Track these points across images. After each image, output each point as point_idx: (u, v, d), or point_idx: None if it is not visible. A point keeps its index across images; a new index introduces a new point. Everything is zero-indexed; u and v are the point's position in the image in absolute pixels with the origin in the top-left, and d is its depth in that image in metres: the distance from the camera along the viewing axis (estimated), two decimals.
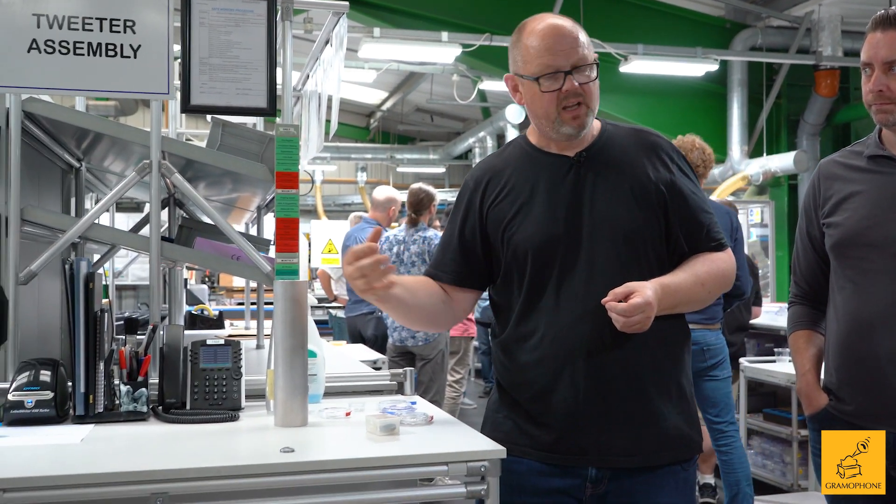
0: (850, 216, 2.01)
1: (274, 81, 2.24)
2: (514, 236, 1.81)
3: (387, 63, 9.48)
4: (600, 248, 1.76)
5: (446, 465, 1.57)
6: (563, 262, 1.77)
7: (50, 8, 2.08)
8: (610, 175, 1.81)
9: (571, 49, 1.75)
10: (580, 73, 1.75)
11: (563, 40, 1.75)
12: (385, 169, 15.83)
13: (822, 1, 8.31)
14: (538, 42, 1.76)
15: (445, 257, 1.91)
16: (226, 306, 7.90)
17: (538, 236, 1.78)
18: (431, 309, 1.88)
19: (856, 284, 1.99)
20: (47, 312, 2.56)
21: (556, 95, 1.75)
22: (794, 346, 2.19)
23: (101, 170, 3.26)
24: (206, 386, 2.00)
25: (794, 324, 2.21)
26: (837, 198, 2.05)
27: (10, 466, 1.51)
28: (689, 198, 1.84)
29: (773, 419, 4.92)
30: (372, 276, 1.70)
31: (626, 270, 1.74)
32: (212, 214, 2.31)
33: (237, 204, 3.82)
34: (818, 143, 9.23)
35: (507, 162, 1.89)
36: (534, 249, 1.78)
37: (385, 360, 3.46)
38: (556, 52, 1.74)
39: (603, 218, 1.77)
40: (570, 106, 1.76)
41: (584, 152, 1.83)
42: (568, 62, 1.74)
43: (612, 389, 1.74)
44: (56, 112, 2.22)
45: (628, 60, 7.95)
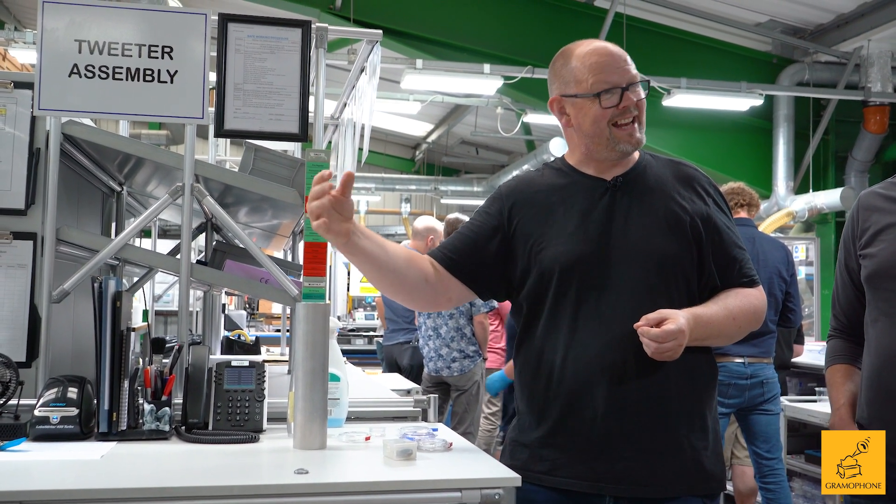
0: (885, 248, 1.97)
1: (306, 107, 2.28)
2: (542, 254, 1.79)
3: (430, 95, 9.58)
4: (630, 274, 1.74)
5: (460, 491, 1.54)
6: (589, 283, 1.75)
7: (92, 34, 2.15)
8: (644, 202, 1.80)
9: (624, 67, 1.78)
10: (634, 91, 1.77)
11: (616, 58, 1.78)
12: (429, 200, 15.93)
13: (871, 36, 8.21)
14: (593, 60, 1.78)
15: (454, 243, 1.88)
16: (264, 332, 7.97)
17: (566, 255, 1.76)
18: (408, 279, 1.81)
19: (888, 317, 1.95)
20: (82, 333, 2.60)
21: (612, 112, 1.76)
22: (831, 380, 2.16)
23: (144, 195, 3.33)
24: (230, 407, 2.01)
25: (832, 358, 2.19)
26: (874, 229, 2.02)
27: (29, 479, 1.54)
28: (724, 232, 1.82)
29: (815, 461, 4.78)
30: (331, 219, 1.62)
31: (654, 298, 1.72)
32: (242, 237, 2.34)
33: (279, 231, 3.87)
34: (867, 180, 9.06)
35: (543, 179, 1.89)
36: (561, 268, 1.76)
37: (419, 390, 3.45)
38: (613, 70, 1.77)
39: (634, 243, 1.76)
40: (624, 123, 1.77)
41: (621, 177, 1.82)
42: (624, 79, 1.77)
43: (633, 416, 1.70)
44: (94, 135, 2.27)
45: (671, 94, 7.91)
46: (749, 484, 4.56)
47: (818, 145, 9.21)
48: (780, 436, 4.18)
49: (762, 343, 4.07)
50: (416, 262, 1.83)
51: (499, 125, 10.55)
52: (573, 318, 1.75)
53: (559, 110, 1.86)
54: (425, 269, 1.84)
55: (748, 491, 4.60)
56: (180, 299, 2.23)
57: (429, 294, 1.85)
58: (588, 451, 1.71)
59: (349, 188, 1.63)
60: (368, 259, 1.75)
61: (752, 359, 4.04)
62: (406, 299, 1.90)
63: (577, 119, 1.82)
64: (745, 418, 4.15)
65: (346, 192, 1.62)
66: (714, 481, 1.76)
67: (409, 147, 16.05)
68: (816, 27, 8.76)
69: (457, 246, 1.87)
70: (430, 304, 1.93)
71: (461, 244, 1.87)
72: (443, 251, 1.87)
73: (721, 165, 8.93)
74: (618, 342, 1.70)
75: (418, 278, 1.82)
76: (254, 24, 2.27)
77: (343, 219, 1.63)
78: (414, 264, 1.82)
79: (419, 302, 1.93)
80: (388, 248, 1.78)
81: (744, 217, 4.28)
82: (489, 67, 7.59)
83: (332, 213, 1.62)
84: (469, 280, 1.85)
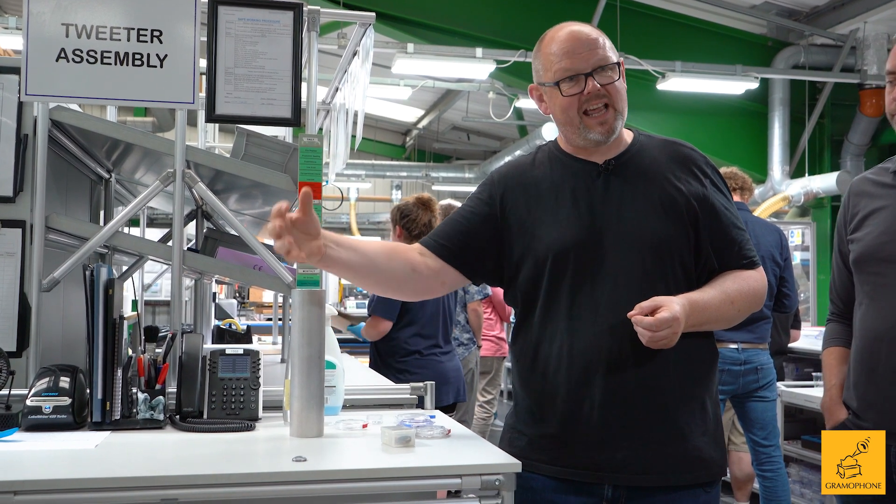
0: (870, 232, 2.01)
1: (299, 91, 2.24)
2: (535, 241, 1.76)
3: (421, 80, 9.53)
4: (625, 259, 1.71)
5: (460, 477, 1.52)
6: (584, 270, 1.71)
7: (79, 18, 2.11)
8: (639, 184, 1.76)
9: (590, 51, 1.72)
10: (602, 75, 1.72)
11: (581, 44, 1.73)
12: (420, 187, 15.88)
13: (867, 18, 8.19)
14: (557, 47, 1.74)
15: (444, 230, 1.85)
16: (255, 321, 7.94)
17: (560, 242, 1.73)
18: (394, 275, 1.78)
19: (871, 300, 1.99)
20: (72, 322, 2.57)
21: (578, 99, 1.72)
22: (826, 362, 2.20)
23: (132, 181, 3.29)
24: (224, 395, 1.98)
25: (828, 341, 2.23)
26: (863, 214, 2.05)
27: (22, 469, 1.51)
28: (721, 213, 1.78)
29: (811, 446, 4.79)
30: (301, 245, 1.57)
31: (652, 283, 1.69)
32: (234, 224, 2.31)
33: (268, 218, 3.83)
34: (863, 164, 9.05)
35: (536, 165, 1.85)
36: (555, 255, 1.73)
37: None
38: (575, 56, 1.72)
39: (629, 227, 1.72)
40: (594, 110, 1.73)
41: (614, 160, 1.78)
42: (588, 64, 1.72)
43: (631, 405, 1.68)
44: (83, 121, 2.23)
45: (666, 78, 7.87)
46: (746, 470, 4.56)
47: (814, 129, 9.19)
48: (777, 422, 4.18)
49: (757, 328, 4.05)
50: (399, 255, 1.80)
51: (491, 110, 10.51)
52: (569, 306, 1.72)
53: (538, 98, 1.84)
54: (411, 259, 1.80)
55: (745, 477, 4.61)
56: (172, 287, 2.20)
57: (419, 284, 1.82)
58: (587, 442, 1.69)
59: (309, 206, 1.57)
60: (347, 267, 1.71)
61: (746, 344, 4.02)
62: (396, 293, 1.88)
63: (550, 108, 1.80)
64: (741, 405, 4.15)
65: (306, 210, 1.56)
66: (714, 467, 1.74)
67: (399, 133, 15.99)
68: (812, 9, 8.73)
69: (448, 233, 1.84)
70: (421, 293, 1.90)
71: (452, 231, 1.84)
72: (434, 239, 1.84)
73: (716, 150, 8.91)
74: (614, 331, 1.67)
75: (404, 270, 1.78)
76: (244, 6, 2.23)
77: (311, 237, 1.59)
78: (397, 257, 1.79)
79: (409, 293, 1.90)
80: (364, 249, 1.74)
81: (737, 201, 4.27)
82: (481, 51, 7.54)
83: (299, 238, 1.57)
84: (462, 266, 1.82)
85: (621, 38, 7.69)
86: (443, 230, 1.85)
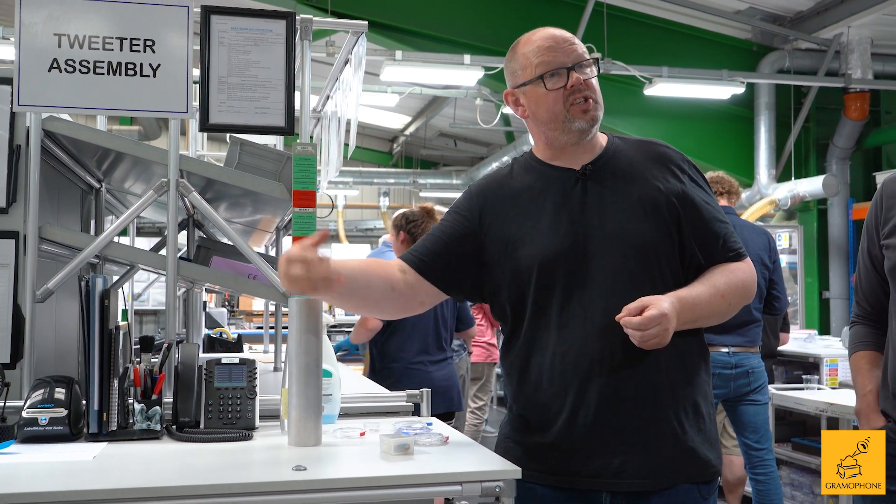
0: None
1: (292, 100, 2.24)
2: (519, 253, 1.75)
3: (409, 87, 9.52)
4: (610, 264, 1.70)
5: (460, 484, 1.53)
6: (570, 278, 1.71)
7: (71, 28, 2.10)
8: (618, 187, 1.76)
9: (570, 46, 1.75)
10: (581, 71, 1.75)
11: (559, 40, 1.76)
12: (408, 194, 15.88)
13: (851, 23, 8.24)
14: (535, 46, 1.76)
15: (425, 245, 1.84)
16: (245, 330, 7.91)
17: (543, 252, 1.72)
18: (371, 294, 1.77)
19: None
20: (65, 332, 2.56)
21: (562, 93, 1.73)
22: (856, 366, 2.12)
23: (122, 191, 3.28)
24: (221, 405, 1.98)
25: (856, 344, 2.14)
26: None
27: (19, 482, 1.50)
28: (702, 208, 1.77)
29: (802, 449, 4.82)
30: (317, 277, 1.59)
31: (638, 286, 1.68)
32: (228, 233, 2.31)
33: (258, 226, 3.83)
34: (848, 168, 9.12)
35: (513, 176, 1.85)
36: (539, 266, 1.72)
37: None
38: (557, 50, 1.74)
39: (612, 231, 1.72)
40: (577, 101, 1.74)
41: (591, 165, 1.78)
42: (569, 58, 1.74)
43: (626, 410, 1.67)
44: (75, 131, 2.23)
45: (653, 83, 7.91)
46: (737, 473, 4.57)
47: (799, 133, 9.24)
48: (769, 425, 4.19)
49: (747, 332, 4.06)
50: (376, 272, 1.79)
51: (478, 116, 10.51)
52: (558, 314, 1.71)
53: (514, 103, 1.84)
54: (390, 276, 1.79)
55: (736, 480, 4.62)
56: (167, 297, 2.20)
57: (398, 302, 1.81)
58: (583, 449, 1.68)
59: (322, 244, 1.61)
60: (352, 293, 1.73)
61: (736, 348, 4.03)
62: (373, 312, 1.88)
63: (531, 108, 1.79)
64: (733, 409, 4.15)
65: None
66: (710, 467, 1.74)
67: (386, 140, 15.98)
68: (796, 14, 8.79)
69: (428, 248, 1.83)
70: (399, 311, 1.90)
71: (433, 246, 1.82)
72: (414, 254, 1.83)
73: (703, 154, 8.95)
74: (604, 336, 1.67)
75: (384, 288, 1.77)
76: (237, 15, 2.23)
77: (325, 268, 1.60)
78: (374, 275, 1.78)
79: (387, 311, 1.90)
80: (356, 271, 1.74)
81: (725, 205, 4.29)
82: (469, 58, 7.55)
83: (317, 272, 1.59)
84: (440, 283, 1.81)
85: (609, 44, 7.72)
86: (423, 246, 1.84)
